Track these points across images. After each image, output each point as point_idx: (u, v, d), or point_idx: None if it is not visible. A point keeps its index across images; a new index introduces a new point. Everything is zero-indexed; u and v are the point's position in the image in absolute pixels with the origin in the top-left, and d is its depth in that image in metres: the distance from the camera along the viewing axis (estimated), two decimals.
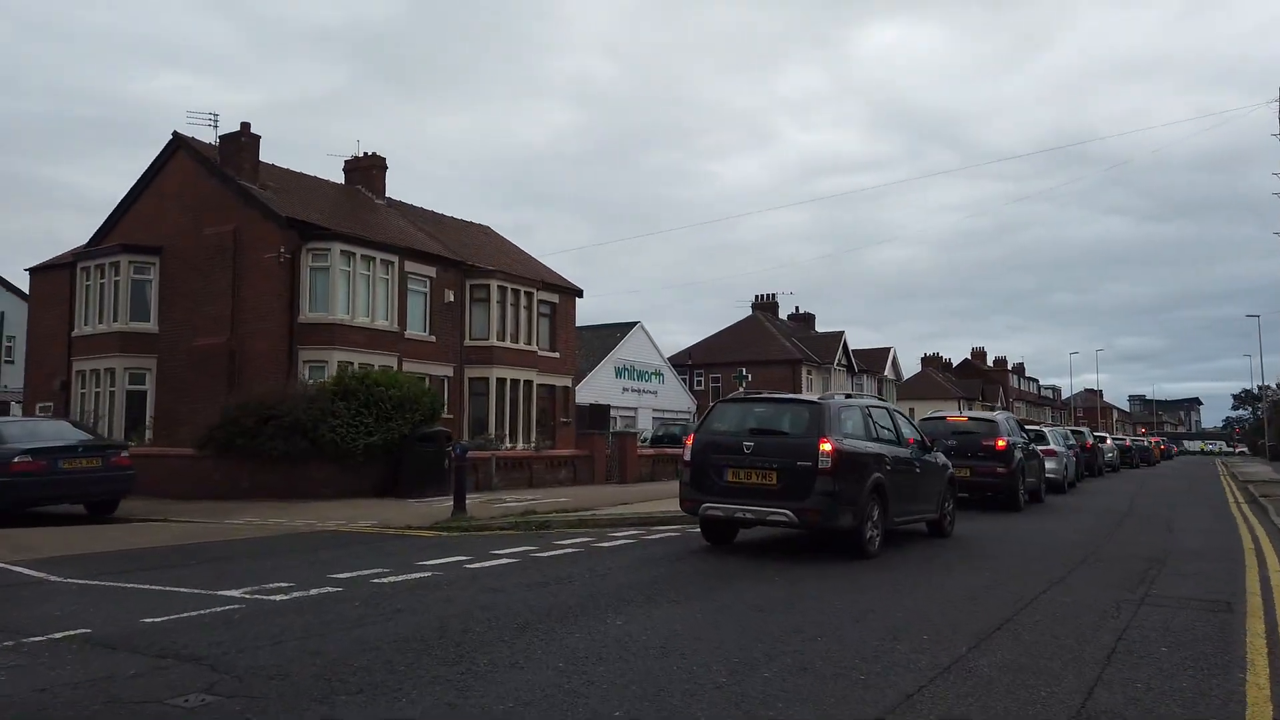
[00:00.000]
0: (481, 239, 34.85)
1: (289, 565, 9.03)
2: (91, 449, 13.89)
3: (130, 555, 9.72)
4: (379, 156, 32.18)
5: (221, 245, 24.87)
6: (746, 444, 9.59)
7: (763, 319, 59.53)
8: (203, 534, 11.74)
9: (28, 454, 13.05)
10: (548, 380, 32.25)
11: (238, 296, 24.63)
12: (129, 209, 27.49)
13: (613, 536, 11.55)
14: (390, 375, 18.38)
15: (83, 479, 13.59)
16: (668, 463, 26.69)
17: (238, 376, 24.18)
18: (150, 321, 25.96)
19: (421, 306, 28.09)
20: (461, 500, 13.53)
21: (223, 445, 17.01)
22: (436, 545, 10.77)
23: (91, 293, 26.49)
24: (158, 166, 26.87)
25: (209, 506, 15.82)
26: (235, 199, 25.01)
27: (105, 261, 26.15)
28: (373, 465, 17.55)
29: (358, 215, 28.43)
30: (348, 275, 24.92)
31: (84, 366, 26.35)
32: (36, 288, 30.14)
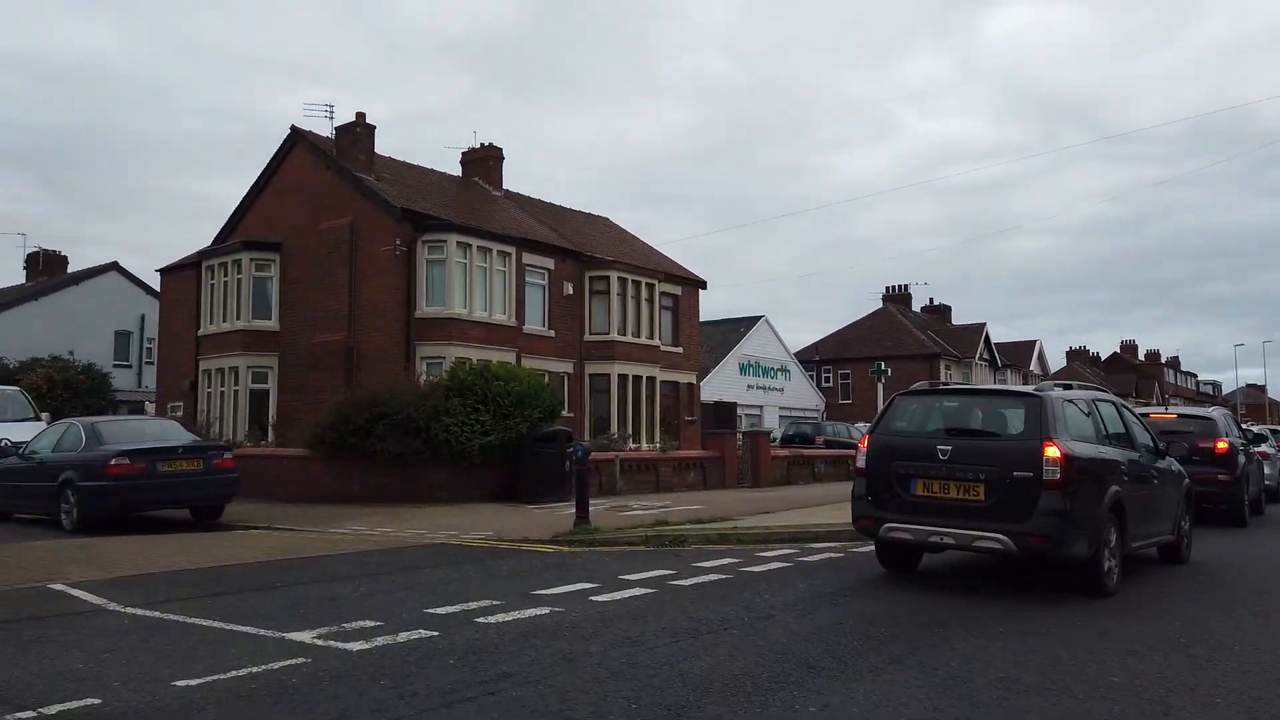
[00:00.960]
0: (601, 230, 33.47)
1: (382, 592, 7.54)
2: (192, 451, 12.96)
3: (211, 574, 8.46)
4: (495, 147, 31.21)
5: (338, 239, 24.22)
6: (941, 448, 7.52)
7: (895, 311, 56.18)
8: (300, 547, 10.49)
9: (125, 456, 12.18)
10: (671, 377, 30.53)
11: (355, 291, 23.92)
12: (251, 205, 27.31)
13: (762, 557, 9.64)
14: (508, 369, 17.03)
15: (182, 483, 12.66)
16: (803, 465, 24.56)
17: (355, 374, 23.45)
18: (271, 319, 25.61)
19: (540, 299, 26.83)
20: (584, 508, 11.90)
21: (334, 446, 15.99)
22: (556, 565, 9.13)
23: (216, 291, 26.38)
24: (277, 161, 26.55)
25: (317, 512, 14.77)
26: (351, 191, 24.33)
27: (228, 259, 25.98)
28: (489, 467, 16.20)
29: (474, 206, 27.44)
30: (464, 268, 23.86)
31: (209, 365, 26.26)
32: (167, 288, 30.50)
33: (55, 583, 7.71)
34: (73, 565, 8.67)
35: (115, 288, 41.74)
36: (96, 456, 12.34)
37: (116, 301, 41.18)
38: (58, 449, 13.22)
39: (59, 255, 45.47)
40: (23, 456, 13.69)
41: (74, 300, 40.28)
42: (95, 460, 12.28)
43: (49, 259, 44.81)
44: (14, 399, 18.53)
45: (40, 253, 44.98)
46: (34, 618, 6.40)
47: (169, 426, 14.46)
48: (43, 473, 13.04)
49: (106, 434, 12.94)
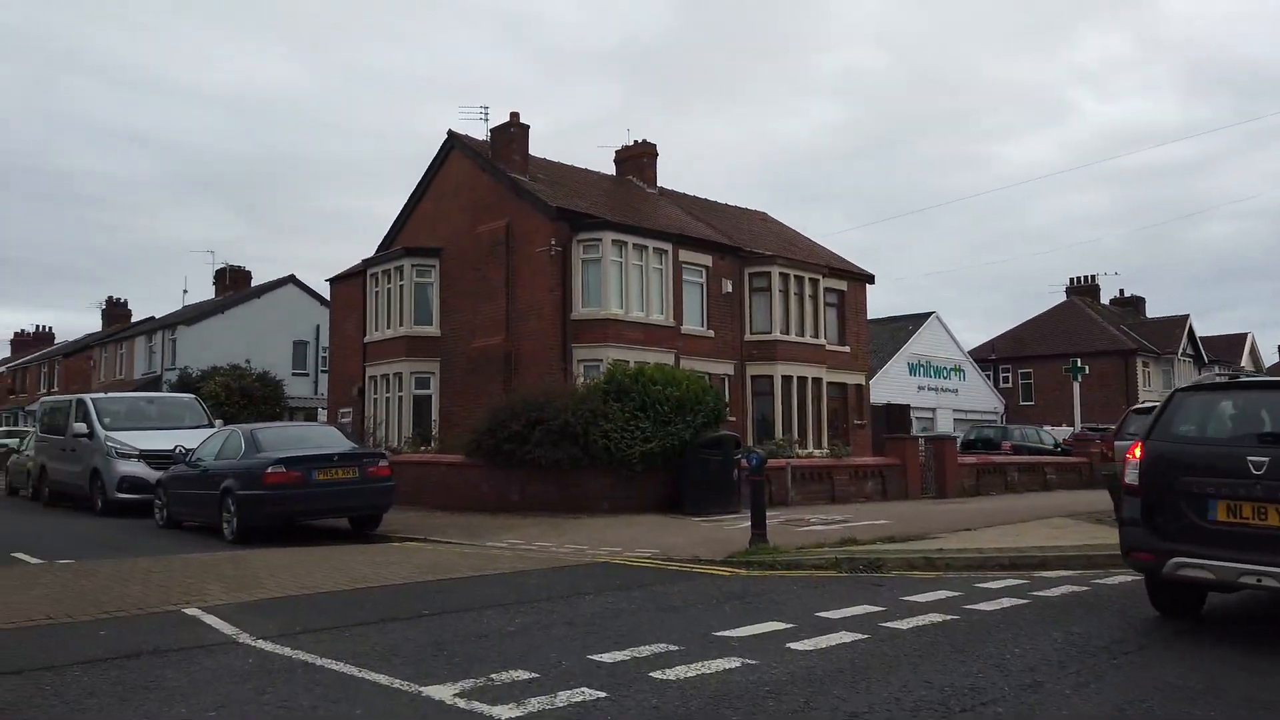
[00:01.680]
0: (759, 225, 31.93)
1: (539, 627, 6.42)
2: (348, 459, 12.46)
3: (354, 598, 7.63)
4: (649, 143, 30.27)
5: (495, 241, 23.87)
6: (1255, 460, 5.66)
7: (1082, 305, 51.50)
8: (453, 565, 9.62)
9: (281, 464, 11.78)
10: (838, 378, 28.62)
11: (512, 294, 23.47)
12: (412, 213, 27.51)
13: (985, 591, 7.94)
14: (667, 372, 15.87)
15: (337, 491, 12.17)
16: (994, 474, 22.18)
17: (513, 378, 22.98)
18: (432, 324, 25.59)
19: (698, 298, 25.61)
20: (761, 524, 10.51)
21: (490, 452, 15.29)
22: (737, 595, 7.78)
23: (380, 298, 26.67)
24: (436, 168, 26.60)
25: (474, 522, 14.05)
26: (507, 192, 23.93)
27: (390, 266, 26.19)
28: (651, 476, 15.07)
29: (629, 204, 26.56)
30: (620, 266, 22.95)
31: (375, 372, 26.55)
32: (336, 297, 31.28)
33: (191, 606, 7.05)
34: (215, 584, 8.07)
35: (293, 299, 43.73)
36: (254, 464, 12.02)
37: (294, 312, 43.10)
38: (220, 456, 13.06)
39: (243, 270, 48.23)
40: (189, 464, 13.65)
41: (256, 312, 42.43)
42: (253, 468, 11.96)
43: (234, 274, 47.59)
44: (191, 406, 18.98)
45: (226, 269, 47.84)
46: (156, 652, 5.65)
47: (328, 433, 14.12)
48: (206, 481, 12.89)
49: (265, 441, 12.64)
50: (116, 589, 7.75)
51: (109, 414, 17.51)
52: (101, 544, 11.95)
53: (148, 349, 44.02)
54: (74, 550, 11.15)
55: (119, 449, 16.34)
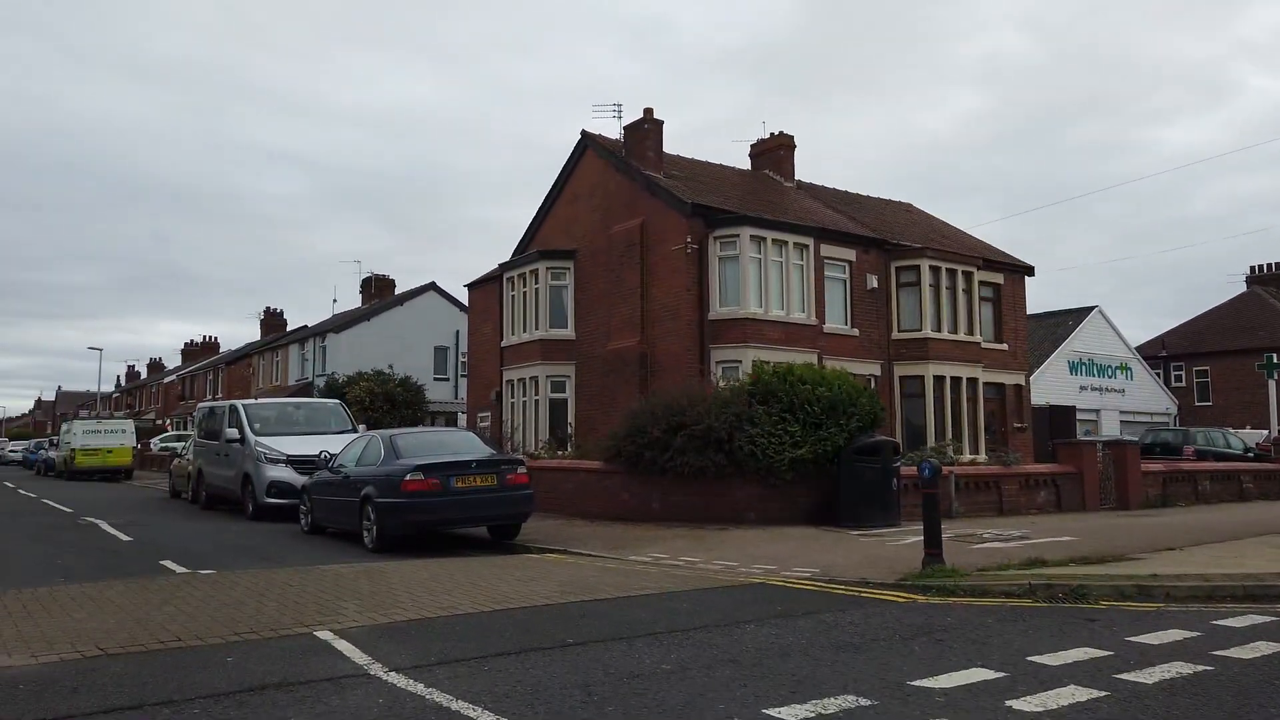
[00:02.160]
0: (903, 216, 30.18)
1: (698, 667, 5.58)
2: (486, 466, 12.00)
3: (494, 621, 7.00)
4: (786, 135, 29.10)
5: (629, 241, 23.29)
6: None
7: (1266, 295, 46.70)
8: (597, 582, 8.91)
9: (420, 471, 11.42)
10: (994, 377, 26.62)
11: (647, 295, 22.83)
12: (546, 215, 27.34)
13: (1228, 630, 6.59)
14: (817, 371, 14.76)
15: (475, 500, 11.72)
16: (1182, 482, 19.90)
17: (649, 381, 22.34)
18: (568, 327, 25.29)
19: (841, 295, 24.28)
20: (936, 542, 9.34)
21: (631, 459, 14.61)
22: (921, 630, 6.71)
23: (515, 302, 26.59)
24: (569, 168, 26.30)
25: (615, 532, 13.37)
26: (641, 190, 23.32)
27: (525, 270, 26.07)
28: (801, 485, 14.02)
29: (766, 199, 25.48)
30: (758, 263, 21.95)
31: (512, 376, 26.49)
32: (474, 302, 31.53)
33: (324, 628, 6.58)
34: (350, 602, 7.62)
35: (434, 306, 44.77)
36: (393, 471, 11.73)
37: (434, 318, 44.12)
38: (360, 462, 12.88)
39: (387, 279, 49.83)
40: (332, 470, 13.56)
41: (399, 319, 43.65)
42: (392, 475, 11.66)
43: (379, 282, 49.22)
44: (335, 411, 19.21)
45: (372, 278, 49.54)
46: (282, 685, 5.13)
47: (466, 438, 13.76)
48: (347, 487, 12.73)
49: (404, 447, 12.35)
50: (251, 605, 7.41)
51: (259, 419, 17.87)
52: (246, 551, 11.92)
53: (301, 356, 46.02)
54: (219, 558, 11.11)
55: (267, 454, 16.59)
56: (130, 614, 7.05)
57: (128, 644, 6.05)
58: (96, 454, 35.87)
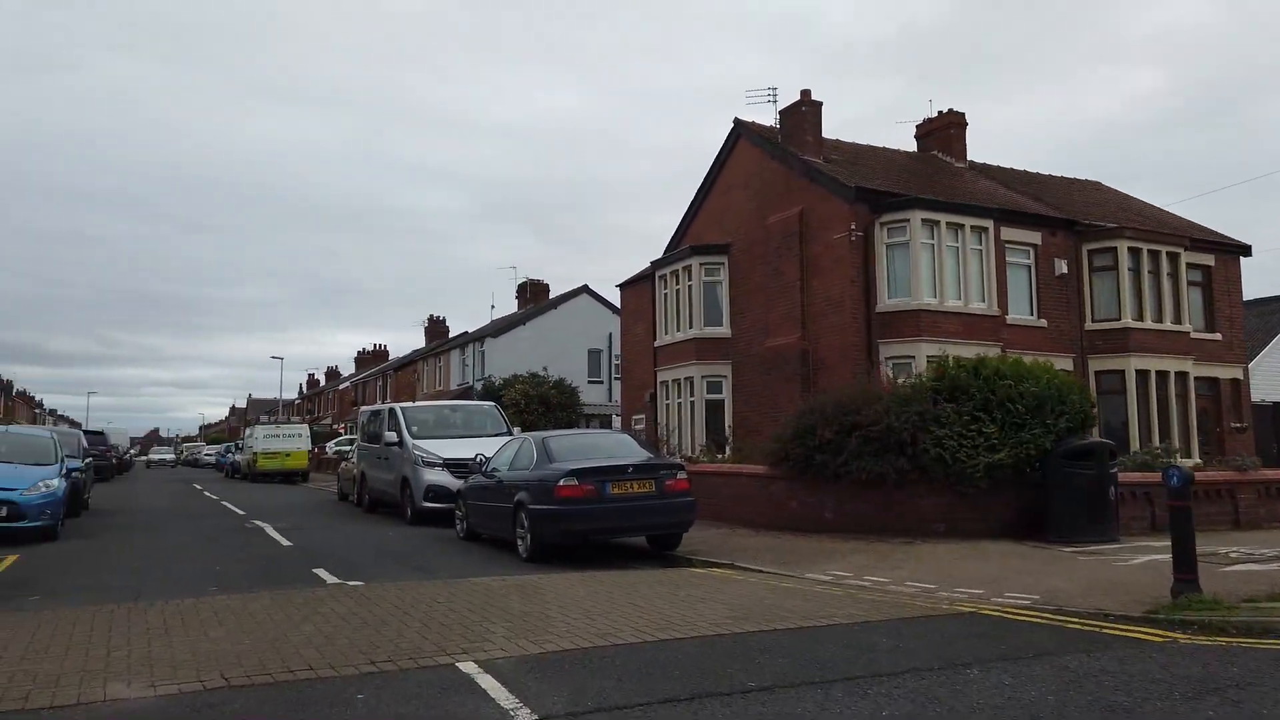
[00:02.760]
0: (1094, 195, 27.34)
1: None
2: (643, 471, 11.06)
3: (659, 655, 5.98)
4: (956, 113, 26.92)
5: (787, 232, 21.95)
6: None
7: None
8: (773, 607, 7.75)
9: (574, 476, 10.61)
10: (1206, 371, 23.59)
11: (807, 288, 21.43)
12: (698, 211, 26.35)
13: None
14: (1017, 364, 13.00)
15: (633, 508, 10.79)
16: None
17: (812, 379, 20.95)
18: (723, 325, 24.19)
19: (1025, 282, 22.05)
20: (1190, 565, 7.63)
21: (799, 463, 13.33)
22: (1204, 681, 5.21)
23: (669, 300, 25.75)
24: (721, 160, 25.20)
25: (783, 544, 12.15)
26: (798, 178, 21.94)
27: (678, 267, 25.17)
28: (997, 493, 12.34)
29: (936, 181, 23.51)
30: (931, 249, 20.15)
31: (666, 376, 25.67)
32: (626, 302, 30.97)
33: (467, 657, 5.76)
34: (499, 624, 6.80)
35: (586, 309, 44.71)
36: (546, 476, 10.97)
37: (587, 321, 44.03)
38: (513, 466, 12.23)
39: (541, 284, 50.32)
40: (486, 474, 13.01)
41: (553, 323, 43.82)
42: (545, 480, 10.91)
43: (534, 288, 49.76)
44: (491, 414, 18.88)
45: (527, 283, 50.16)
46: None
47: (622, 441, 12.88)
48: (501, 492, 12.11)
49: (557, 450, 11.58)
50: (393, 626, 6.71)
51: (416, 422, 17.73)
52: (399, 559, 11.48)
53: (461, 361, 47.06)
54: (371, 566, 10.69)
55: (424, 457, 16.35)
56: (267, 633, 6.48)
57: (255, 673, 5.42)
58: (276, 457, 37.68)
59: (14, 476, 13.47)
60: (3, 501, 13.04)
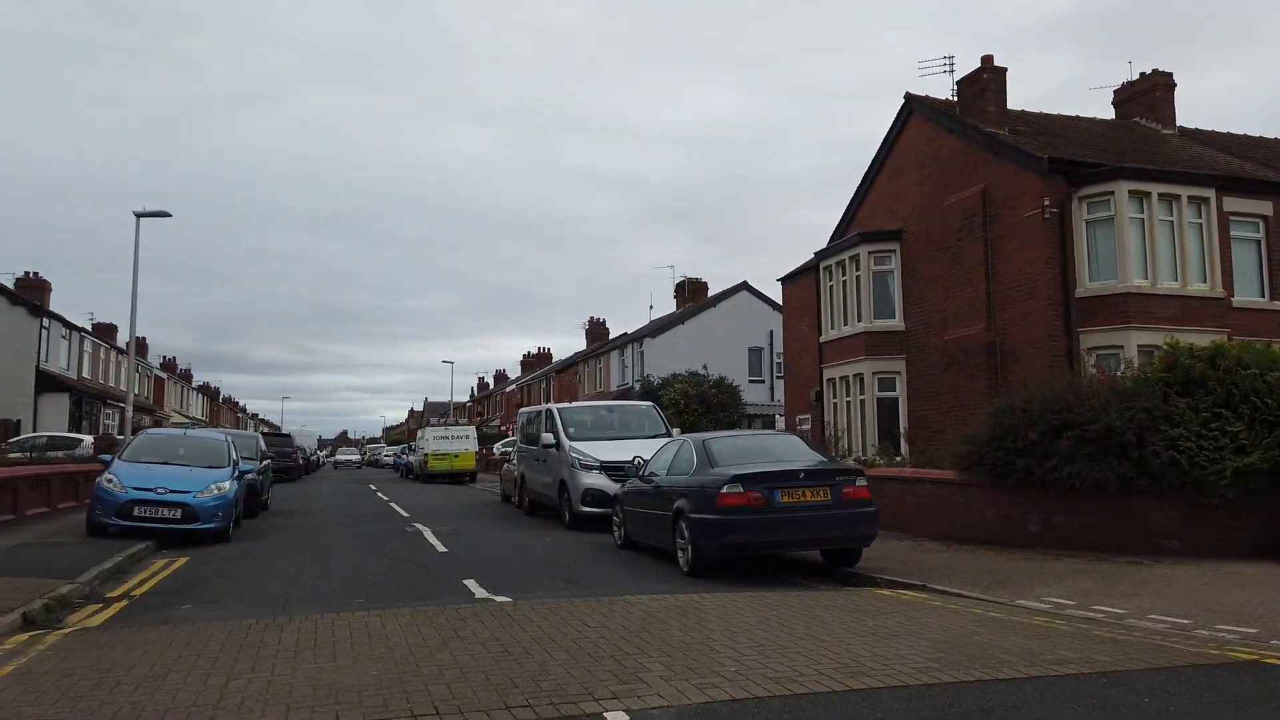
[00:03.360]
0: None
1: None
2: (817, 476, 9.83)
3: (849, 710, 4.79)
4: (1162, 73, 23.92)
5: (968, 212, 19.99)
6: None
7: None
8: (985, 644, 6.38)
9: (738, 482, 9.51)
10: None
11: (993, 273, 19.40)
12: (865, 196, 24.62)
13: None
14: (1267, 352, 10.86)
15: (806, 518, 9.57)
16: None
17: (1000, 373, 18.93)
18: (895, 317, 22.42)
19: (1253, 259, 19.18)
20: None
21: (998, 468, 11.69)
22: None
23: (835, 293, 24.19)
24: (891, 140, 23.40)
25: (981, 561, 10.58)
26: (980, 152, 19.93)
27: (845, 256, 23.57)
28: (1250, 504, 10.28)
29: (1142, 149, 20.84)
30: (1141, 224, 17.75)
31: (833, 374, 24.12)
32: (788, 297, 29.52)
33: (617, 706, 4.79)
34: (655, 658, 5.81)
35: (746, 306, 43.50)
36: (708, 482, 9.94)
37: (747, 319, 42.82)
38: (671, 470, 11.27)
39: (700, 282, 49.45)
40: (643, 478, 12.13)
41: (712, 321, 42.86)
42: (706, 487, 9.88)
43: (692, 286, 48.97)
44: (649, 414, 18.06)
45: (685, 281, 49.42)
46: None
47: (789, 443, 11.64)
48: (658, 498, 11.19)
49: (719, 453, 10.53)
50: (536, 657, 5.86)
51: (574, 424, 17.15)
52: (551, 570, 10.76)
53: (621, 362, 46.91)
54: (522, 578, 10.00)
55: (581, 460, 15.71)
56: (399, 662, 5.77)
57: (375, 714, 4.66)
58: (445, 459, 38.59)
59: (189, 479, 13.77)
60: (177, 504, 13.33)
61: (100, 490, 13.43)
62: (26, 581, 9.04)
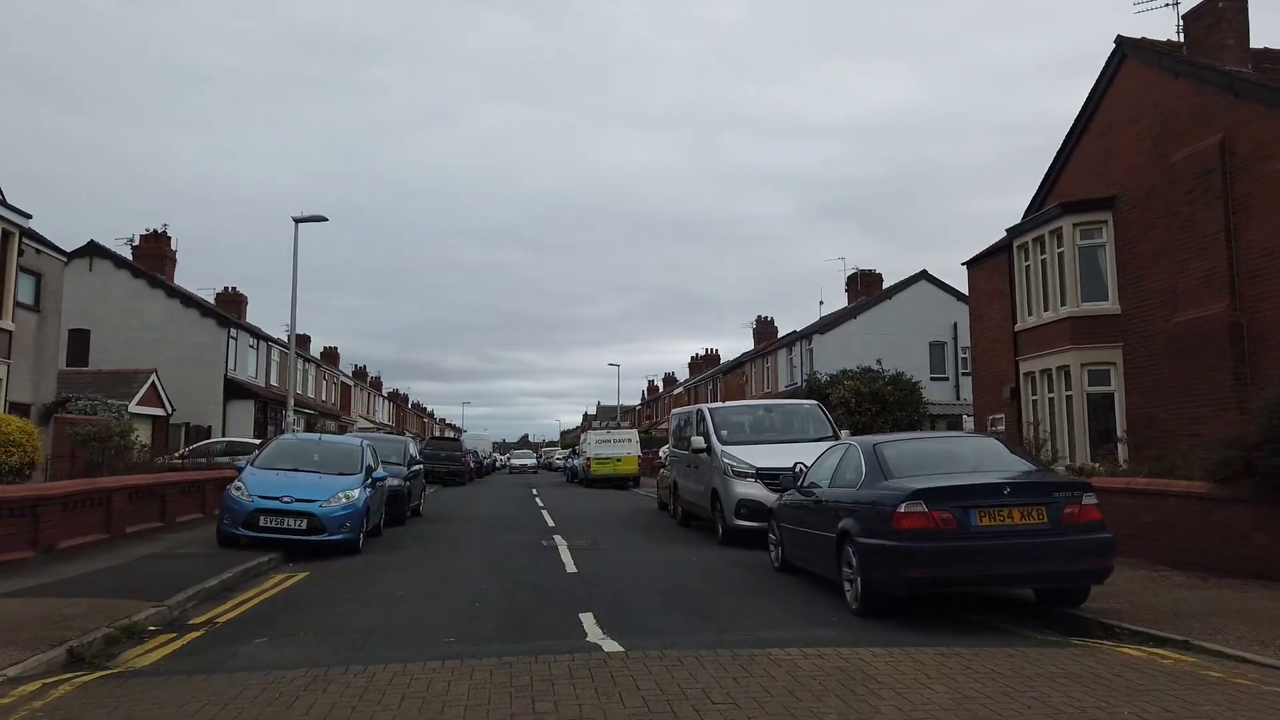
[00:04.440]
0: None
1: None
2: (1027, 491, 7.52)
3: None
4: None
5: (1202, 168, 16.58)
6: None
7: None
8: None
9: (919, 498, 7.36)
10: None
11: (1237, 239, 15.94)
12: (1067, 161, 21.36)
13: None
14: None
15: (1013, 547, 7.28)
16: None
17: (1248, 362, 15.48)
18: (1108, 299, 19.14)
19: None
20: None
21: (1275, 479, 8.88)
22: None
23: (1032, 274, 21.10)
24: (1098, 94, 20.06)
25: (1260, 607, 7.88)
26: (1216, 96, 16.48)
27: (1044, 231, 20.47)
28: None
29: None
30: None
31: (1031, 367, 21.04)
32: (975, 283, 26.34)
33: None
34: None
35: (925, 297, 40.17)
36: (880, 497, 7.85)
37: (927, 311, 39.50)
38: (834, 481, 9.22)
39: (874, 274, 46.32)
40: (801, 490, 10.15)
41: (887, 314, 39.81)
42: (879, 504, 7.79)
43: (865, 278, 45.93)
44: (813, 415, 15.91)
45: (857, 273, 46.45)
46: None
47: (988, 448, 9.24)
48: (819, 514, 9.18)
49: (895, 460, 8.39)
50: None
51: (727, 425, 15.31)
52: (687, 602, 8.98)
53: (789, 361, 44.54)
54: (652, 613, 8.31)
55: (735, 466, 13.87)
56: None
57: None
58: (607, 463, 37.66)
59: (315, 487, 13.00)
60: (302, 514, 12.56)
61: (228, 499, 12.87)
62: (113, 604, 8.23)
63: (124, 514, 13.48)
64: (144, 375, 28.52)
